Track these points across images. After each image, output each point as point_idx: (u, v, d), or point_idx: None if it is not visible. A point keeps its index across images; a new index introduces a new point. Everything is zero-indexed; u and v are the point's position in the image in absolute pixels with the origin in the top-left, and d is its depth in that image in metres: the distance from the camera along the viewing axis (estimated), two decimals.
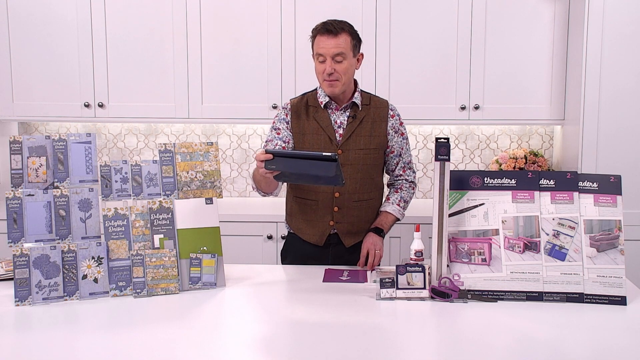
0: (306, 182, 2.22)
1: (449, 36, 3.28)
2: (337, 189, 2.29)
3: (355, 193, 2.31)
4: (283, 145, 2.29)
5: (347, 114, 2.30)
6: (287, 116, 2.33)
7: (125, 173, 2.04)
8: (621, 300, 1.89)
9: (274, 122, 2.35)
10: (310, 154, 1.89)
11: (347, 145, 2.28)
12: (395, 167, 2.40)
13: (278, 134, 2.31)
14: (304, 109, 2.32)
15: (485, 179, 2.01)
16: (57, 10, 3.34)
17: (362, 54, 2.29)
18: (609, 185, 1.97)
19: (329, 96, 2.28)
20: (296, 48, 3.30)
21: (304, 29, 3.28)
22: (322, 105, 2.29)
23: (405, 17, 3.28)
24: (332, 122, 2.29)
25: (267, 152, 1.91)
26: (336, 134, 2.28)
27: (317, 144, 2.28)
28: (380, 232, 2.32)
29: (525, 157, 3.44)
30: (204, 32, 3.33)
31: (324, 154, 1.85)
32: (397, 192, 2.41)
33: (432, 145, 3.63)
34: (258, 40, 3.32)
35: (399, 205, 2.39)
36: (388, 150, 2.36)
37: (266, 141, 2.34)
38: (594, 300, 1.90)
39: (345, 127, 2.29)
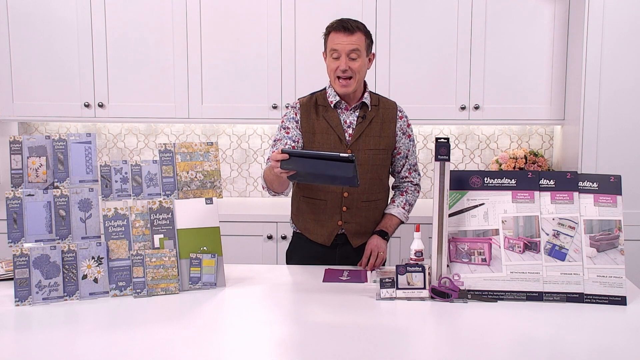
0: (321, 182, 2.19)
1: (449, 36, 3.28)
2: (346, 189, 2.28)
3: (364, 193, 2.30)
4: (293, 144, 2.27)
5: (357, 114, 2.30)
6: (296, 115, 2.31)
7: (125, 173, 2.04)
8: (621, 300, 1.89)
9: (282, 121, 2.33)
10: (327, 155, 1.87)
11: (357, 145, 2.27)
12: (401, 169, 2.40)
13: (287, 133, 2.29)
14: (313, 108, 2.30)
15: (485, 179, 2.01)
16: (57, 11, 3.34)
17: (373, 54, 2.29)
18: (609, 185, 1.97)
19: (339, 95, 2.27)
20: (296, 48, 3.30)
21: (304, 29, 3.28)
22: (332, 105, 2.28)
23: (405, 17, 3.28)
24: (342, 121, 2.29)
25: (283, 151, 1.88)
26: (345, 134, 2.28)
27: (327, 143, 2.27)
28: (385, 235, 2.32)
29: (525, 157, 3.44)
30: (204, 32, 3.33)
31: (341, 154, 1.83)
32: (402, 194, 2.41)
33: (432, 145, 3.63)
34: (258, 40, 3.32)
35: (404, 208, 2.39)
36: (395, 151, 2.36)
37: (274, 140, 2.32)
38: (594, 300, 1.90)
39: (354, 127, 2.28)
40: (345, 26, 2.18)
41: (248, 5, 3.31)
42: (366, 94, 2.30)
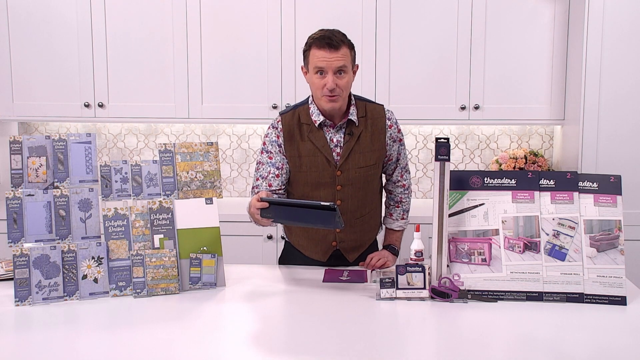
0: (303, 225, 2.16)
1: (449, 36, 3.28)
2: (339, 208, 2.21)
3: (357, 210, 2.23)
4: (277, 172, 2.19)
5: (344, 130, 2.17)
6: (278, 138, 2.19)
7: (125, 173, 2.04)
8: (621, 300, 1.89)
9: (264, 143, 2.23)
10: (307, 203, 1.82)
11: (346, 165, 2.16)
12: (393, 172, 2.33)
13: (270, 158, 2.20)
14: (296, 128, 2.17)
15: (485, 179, 2.01)
16: (57, 10, 3.34)
17: (357, 65, 2.17)
18: (609, 185, 1.97)
19: (323, 115, 2.15)
20: (296, 48, 3.30)
21: (303, 29, 3.28)
22: (316, 125, 2.15)
23: (405, 18, 3.28)
24: (328, 140, 2.16)
25: (262, 200, 1.85)
26: (333, 154, 2.16)
27: (315, 166, 2.17)
28: (394, 250, 2.33)
29: (525, 157, 3.44)
30: (204, 32, 3.33)
31: (322, 203, 1.77)
32: (397, 206, 2.36)
33: (432, 145, 3.63)
34: (258, 41, 3.32)
35: (403, 218, 2.37)
36: (386, 158, 2.28)
37: (257, 163, 2.24)
38: (594, 300, 1.90)
39: (342, 145, 2.17)
40: (329, 43, 2.03)
41: (248, 5, 3.31)
42: (352, 109, 2.17)
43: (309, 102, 2.21)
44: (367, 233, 2.33)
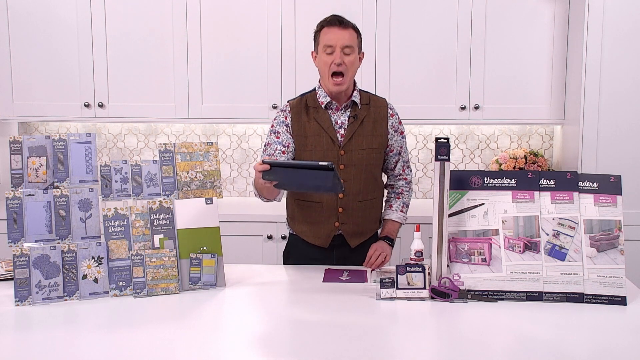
0: (306, 190, 2.23)
1: (449, 36, 3.28)
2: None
3: (359, 193, 2.30)
4: (283, 149, 2.27)
5: (348, 113, 2.29)
6: (286, 119, 2.30)
7: (125, 173, 2.04)
8: (621, 300, 1.89)
9: (272, 126, 2.33)
10: (306, 164, 1.87)
11: (350, 145, 2.26)
12: (395, 166, 2.40)
13: (277, 137, 2.29)
14: (304, 110, 2.30)
15: (485, 179, 2.01)
16: (57, 11, 3.34)
17: (363, 53, 2.31)
18: (609, 185, 1.97)
19: (329, 96, 2.27)
20: (296, 48, 3.30)
21: (304, 29, 3.28)
22: (322, 106, 2.27)
23: (405, 17, 3.28)
24: (333, 122, 2.28)
25: (264, 162, 1.89)
26: (338, 134, 2.27)
27: (319, 145, 2.26)
28: (390, 241, 2.34)
29: (525, 157, 3.44)
30: (204, 32, 3.33)
31: (320, 163, 1.81)
32: (398, 197, 2.42)
33: (432, 145, 3.63)
34: (258, 40, 3.33)
35: (402, 211, 2.41)
36: (387, 149, 2.36)
37: (265, 144, 2.32)
38: (594, 300, 1.90)
39: (346, 127, 2.28)
40: (339, 20, 2.21)
41: (248, 5, 3.31)
42: (355, 92, 2.29)
43: (316, 88, 2.32)
44: (368, 222, 2.36)
